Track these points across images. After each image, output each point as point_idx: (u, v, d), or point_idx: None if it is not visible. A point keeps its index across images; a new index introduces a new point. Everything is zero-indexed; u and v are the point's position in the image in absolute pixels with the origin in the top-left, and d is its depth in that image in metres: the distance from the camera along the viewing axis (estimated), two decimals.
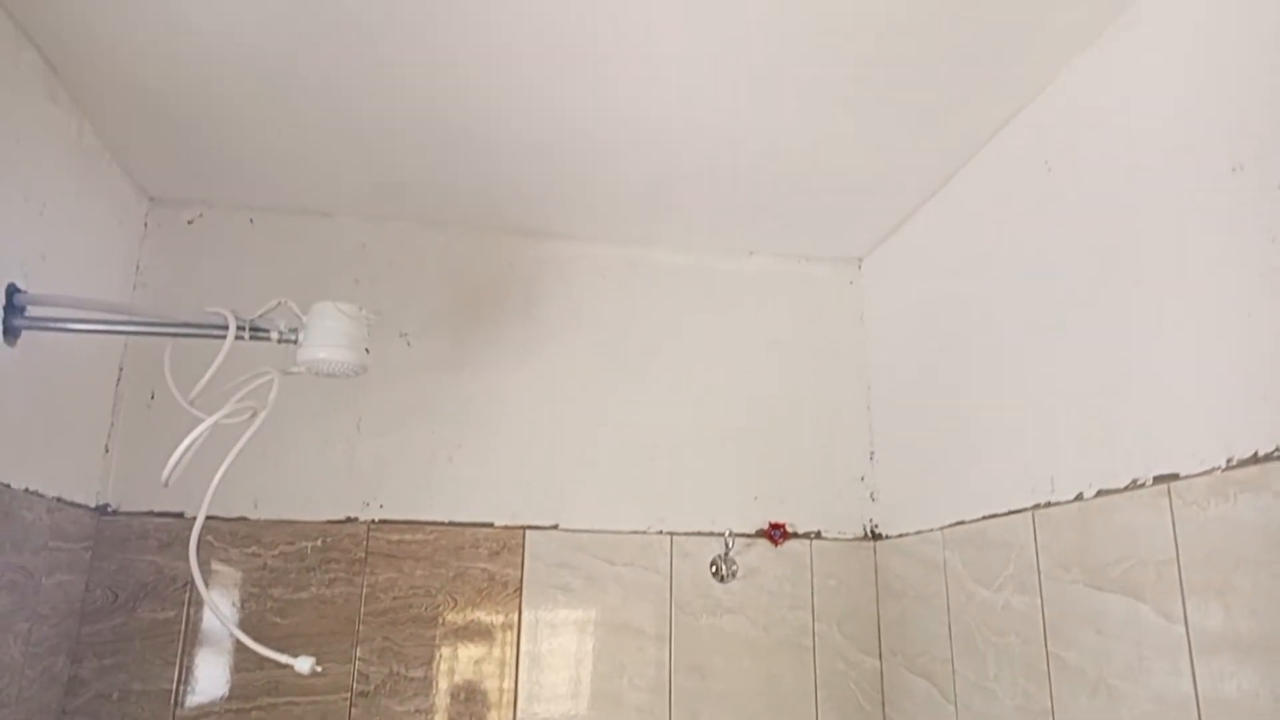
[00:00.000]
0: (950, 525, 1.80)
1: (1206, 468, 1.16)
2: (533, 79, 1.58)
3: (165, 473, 1.44)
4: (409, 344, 2.08)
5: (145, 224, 2.04)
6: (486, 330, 2.13)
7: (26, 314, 1.49)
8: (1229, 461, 1.13)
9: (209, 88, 1.62)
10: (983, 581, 1.67)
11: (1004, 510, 1.62)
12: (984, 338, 1.75)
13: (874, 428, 2.22)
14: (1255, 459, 1.09)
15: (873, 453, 2.21)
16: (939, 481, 1.88)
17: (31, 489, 1.58)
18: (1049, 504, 1.49)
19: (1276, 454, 1.06)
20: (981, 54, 1.49)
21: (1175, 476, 1.22)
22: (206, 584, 1.83)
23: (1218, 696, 1.11)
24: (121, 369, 1.94)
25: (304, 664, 1.50)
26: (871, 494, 2.18)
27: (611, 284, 2.22)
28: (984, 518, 1.68)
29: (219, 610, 1.62)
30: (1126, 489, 1.31)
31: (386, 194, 2.04)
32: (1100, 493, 1.37)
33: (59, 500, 1.69)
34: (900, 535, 2.03)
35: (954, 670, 1.75)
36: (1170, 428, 1.23)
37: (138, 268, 2.01)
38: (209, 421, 1.47)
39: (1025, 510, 1.56)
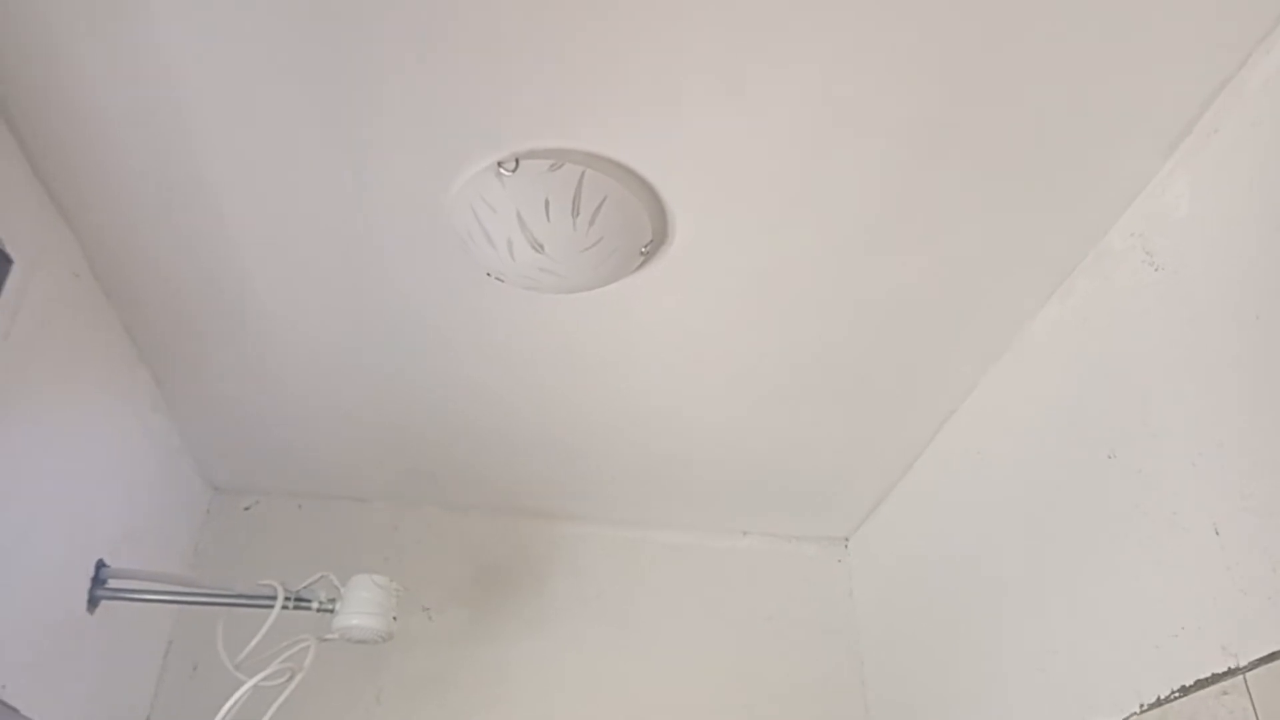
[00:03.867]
0: None
1: (1124, 714, 1.31)
2: (551, 382, 1.91)
3: None
4: (430, 618, 2.27)
5: (208, 511, 2.33)
6: (501, 605, 2.33)
7: (107, 585, 1.74)
8: (1141, 707, 1.28)
9: (281, 394, 1.97)
10: None
11: None
12: (950, 612, 1.92)
13: (869, 702, 2.32)
14: (1158, 702, 1.25)
15: None
16: None
17: None
18: None
19: (1173, 696, 1.22)
20: (915, 365, 1.82)
21: None
22: None
23: None
24: (170, 642, 2.14)
25: None
26: None
27: (616, 562, 2.44)
28: None
29: None
30: None
31: (416, 482, 2.34)
32: None
33: None
34: None
35: None
36: (1095, 681, 1.40)
37: (196, 549, 2.27)
38: (251, 683, 1.65)
39: None
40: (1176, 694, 1.22)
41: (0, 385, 1.36)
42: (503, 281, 1.58)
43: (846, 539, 2.57)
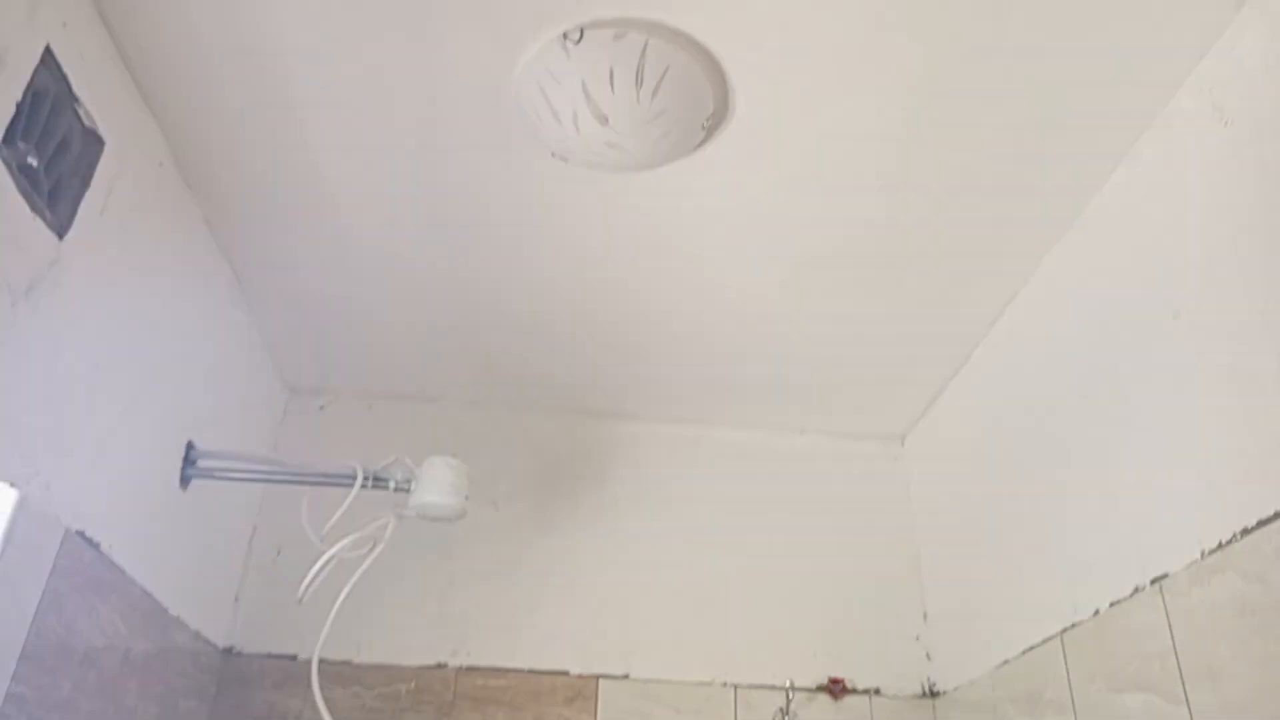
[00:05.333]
0: (997, 667, 1.92)
1: (1186, 561, 1.34)
2: (613, 272, 1.94)
3: (301, 590, 1.70)
4: (497, 509, 2.36)
5: (285, 410, 2.43)
6: (565, 499, 2.41)
7: (197, 465, 1.84)
8: (1202, 553, 1.31)
9: (355, 290, 2.04)
10: (1026, 710, 1.77)
11: (1039, 640, 1.76)
12: (1011, 490, 1.95)
13: (925, 589, 2.37)
14: (1219, 546, 1.27)
15: (925, 613, 2.34)
16: (985, 629, 2.02)
17: (182, 618, 1.86)
18: (1074, 625, 1.64)
19: (1235, 539, 1.25)
20: (978, 244, 1.82)
21: (1165, 575, 1.39)
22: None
23: None
24: (255, 528, 2.26)
25: None
26: (927, 653, 2.29)
27: (677, 459, 2.50)
28: (1024, 652, 1.81)
29: None
30: (1132, 595, 1.47)
31: (483, 382, 2.41)
32: (1113, 604, 1.53)
33: (198, 635, 1.95)
34: (955, 689, 2.13)
35: None
36: (1158, 534, 1.42)
37: (275, 447, 2.37)
38: (335, 549, 1.75)
39: (1055, 636, 1.70)
40: (1238, 536, 1.24)
41: (99, 259, 1.44)
42: (567, 161, 1.62)
43: (903, 437, 2.59)
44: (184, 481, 1.82)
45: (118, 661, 1.58)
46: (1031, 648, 1.78)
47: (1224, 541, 1.27)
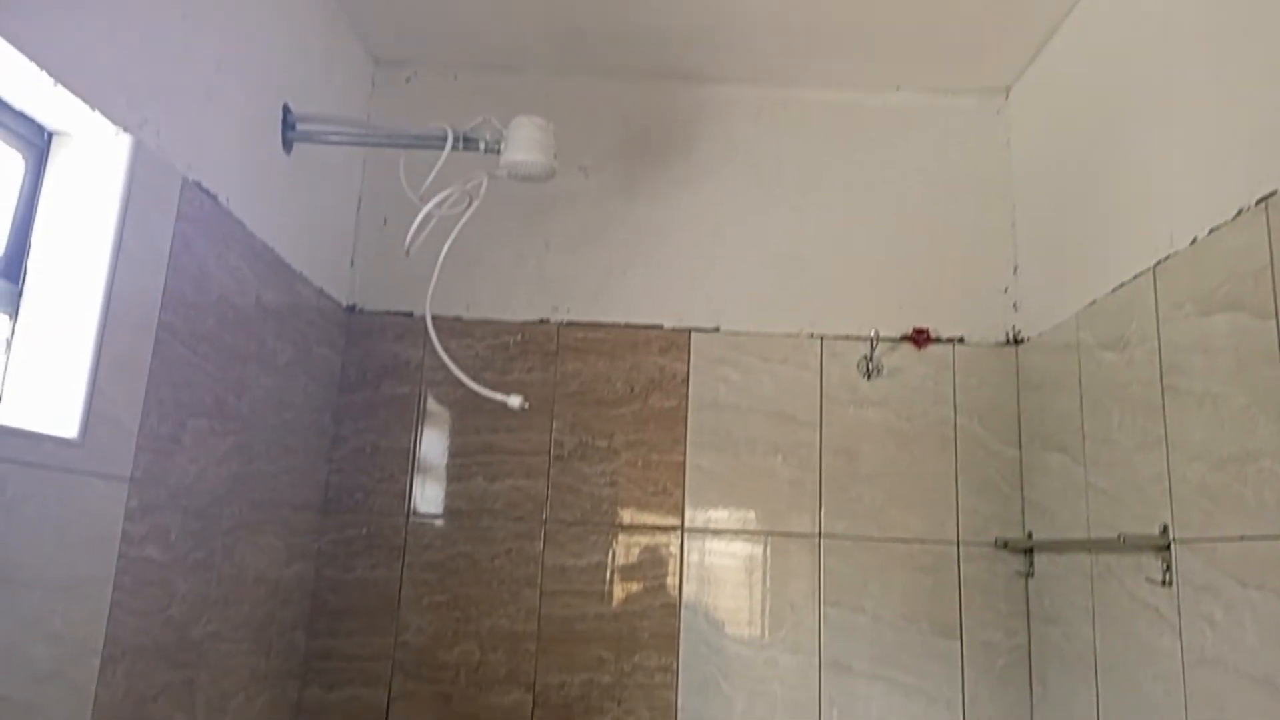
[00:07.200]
0: (1083, 309, 1.94)
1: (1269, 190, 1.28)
2: None
3: (407, 242, 1.80)
4: (586, 176, 2.40)
5: (372, 83, 2.44)
6: (653, 165, 2.41)
7: (296, 129, 1.90)
8: None
9: None
10: (1109, 345, 1.81)
11: (1130, 276, 1.75)
12: (1115, 131, 1.85)
13: (1019, 244, 2.35)
14: None
15: (1017, 266, 2.34)
16: (1075, 273, 2.01)
17: (304, 275, 2.01)
18: (1168, 257, 1.62)
19: None
20: None
21: (1274, 194, 1.34)
22: (431, 366, 2.24)
23: None
24: (360, 197, 2.37)
25: (515, 400, 1.87)
26: (1014, 304, 2.32)
27: (765, 122, 2.44)
28: (1114, 290, 1.82)
29: (452, 364, 1.97)
30: (1234, 218, 1.43)
31: (567, 47, 2.34)
32: (1211, 230, 1.49)
33: (321, 292, 2.12)
34: (1039, 334, 2.17)
35: (1084, 434, 1.90)
36: (1268, 150, 1.35)
37: (367, 119, 2.41)
38: (432, 203, 1.83)
39: (1148, 270, 1.68)
40: None
41: None
42: None
43: (1007, 88, 2.45)
44: (286, 144, 1.89)
45: (251, 304, 1.75)
46: (1122, 285, 1.78)
47: None
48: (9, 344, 1.30)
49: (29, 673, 1.18)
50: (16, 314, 1.31)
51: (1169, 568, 1.55)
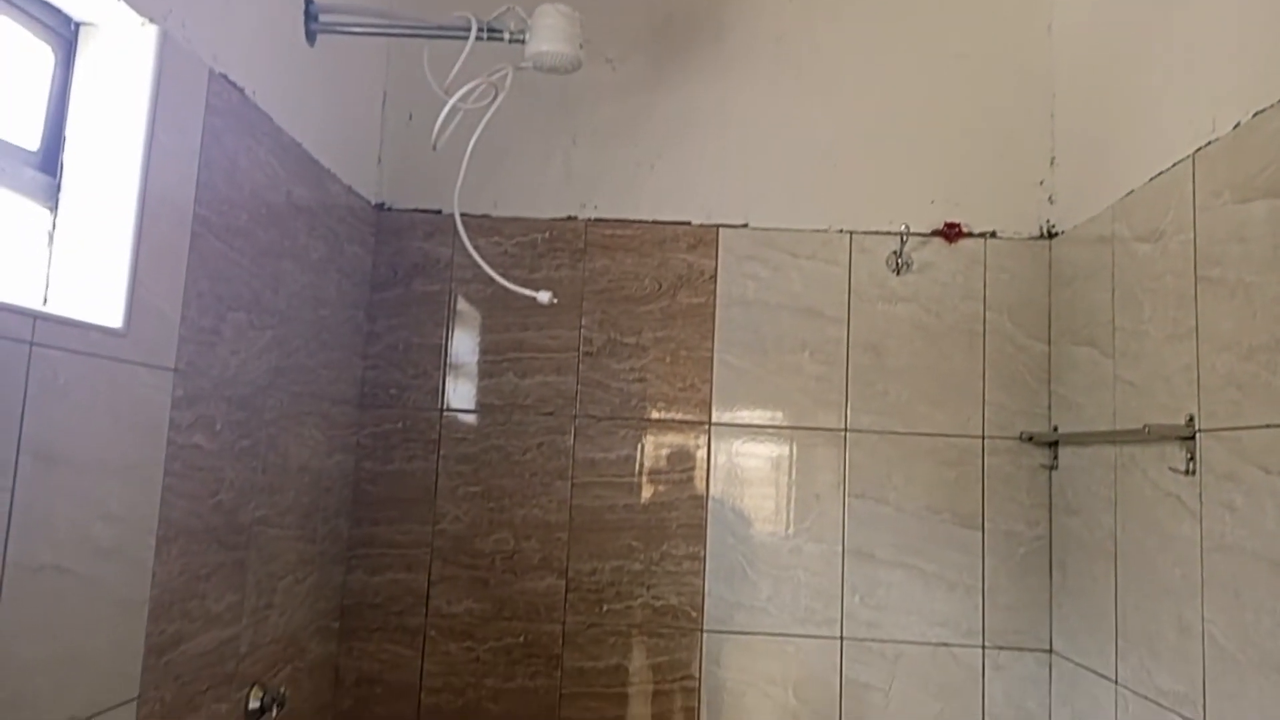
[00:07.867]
0: (1120, 200, 1.90)
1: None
2: None
3: (433, 135, 1.80)
4: (614, 69, 2.35)
5: None
6: (680, 55, 2.36)
7: (319, 20, 1.88)
8: None
9: None
10: (1144, 237, 1.78)
11: (1169, 164, 1.71)
12: (1157, 16, 1.78)
13: (1056, 135, 2.29)
14: None
15: (1053, 158, 2.28)
16: (1113, 163, 1.97)
17: (333, 172, 2.02)
18: (1209, 143, 1.58)
19: None
20: None
21: None
22: (460, 263, 2.26)
23: None
24: (385, 93, 2.35)
25: (544, 296, 1.89)
26: (1050, 197, 2.27)
27: (796, 7, 2.37)
28: (1150, 179, 1.78)
29: (481, 261, 1.99)
30: (1278, 103, 1.39)
31: None
32: (1255, 114, 1.45)
33: (350, 190, 2.13)
34: (1073, 228, 2.14)
35: (1114, 327, 1.89)
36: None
37: (391, 8, 2.37)
38: (458, 96, 1.82)
39: (1187, 158, 1.64)
40: None
41: None
42: None
43: None
44: (310, 36, 1.87)
45: (283, 200, 1.77)
46: (1160, 173, 1.74)
47: None
48: (51, 236, 1.33)
49: (91, 549, 1.25)
50: (57, 207, 1.34)
51: (1193, 457, 1.57)
